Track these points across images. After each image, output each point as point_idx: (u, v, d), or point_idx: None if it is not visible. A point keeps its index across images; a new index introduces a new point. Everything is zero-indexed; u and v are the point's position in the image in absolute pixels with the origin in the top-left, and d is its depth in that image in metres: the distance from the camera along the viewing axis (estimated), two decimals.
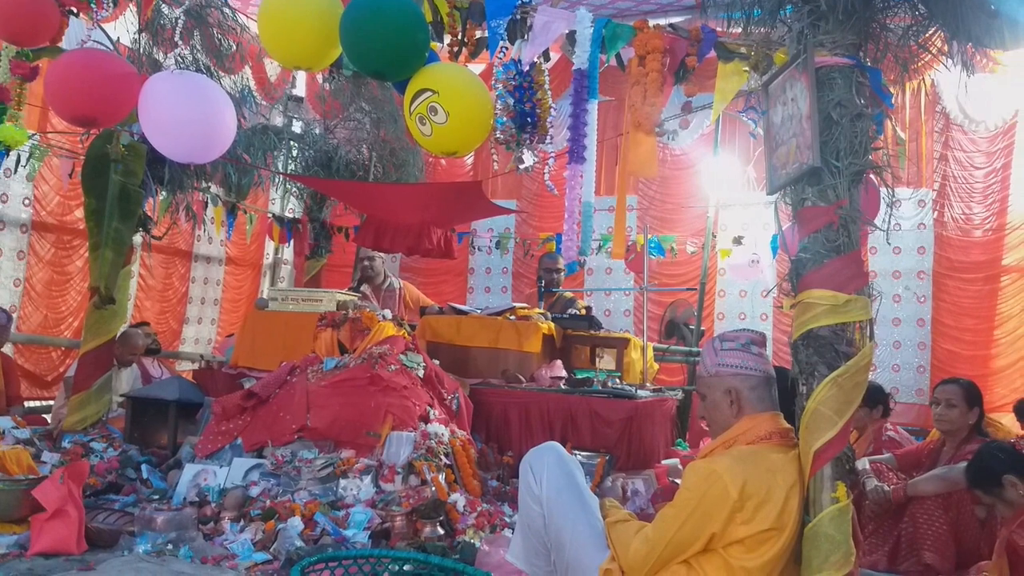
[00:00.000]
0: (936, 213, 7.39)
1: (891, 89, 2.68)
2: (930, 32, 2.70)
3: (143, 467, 3.89)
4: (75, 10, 3.15)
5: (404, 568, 2.09)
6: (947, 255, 7.34)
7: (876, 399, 4.02)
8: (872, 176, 2.50)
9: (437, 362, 4.48)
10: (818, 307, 2.23)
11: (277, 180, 7.28)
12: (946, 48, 2.69)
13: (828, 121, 2.33)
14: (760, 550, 2.04)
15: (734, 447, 2.17)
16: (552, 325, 5.10)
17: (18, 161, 5.20)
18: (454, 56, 2.82)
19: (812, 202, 2.33)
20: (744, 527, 2.02)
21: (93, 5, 3.04)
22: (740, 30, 2.76)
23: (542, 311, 5.34)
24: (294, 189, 7.52)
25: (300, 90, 8.25)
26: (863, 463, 3.67)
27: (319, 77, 6.72)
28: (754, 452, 2.14)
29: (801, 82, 2.38)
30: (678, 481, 4.17)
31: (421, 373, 4.20)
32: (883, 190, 2.53)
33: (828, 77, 2.37)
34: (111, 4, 3.06)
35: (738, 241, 6.78)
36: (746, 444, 2.17)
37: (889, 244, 6.87)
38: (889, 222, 2.49)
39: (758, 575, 2.03)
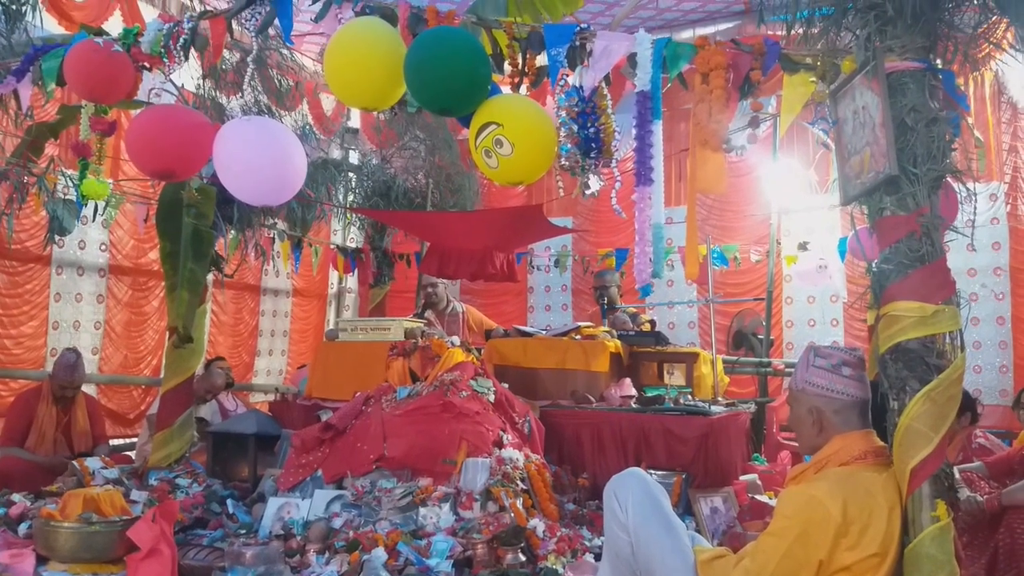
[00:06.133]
0: (1009, 207, 7.13)
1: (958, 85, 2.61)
2: (1001, 28, 2.63)
3: (228, 502, 3.98)
4: (148, 65, 3.28)
5: None
6: (1023, 249, 7.07)
7: (964, 405, 3.86)
8: (949, 179, 2.43)
9: (506, 385, 4.49)
10: (905, 319, 2.16)
11: (338, 211, 7.44)
12: (1016, 43, 2.62)
13: (903, 127, 2.28)
14: None
15: (827, 469, 2.12)
16: (618, 343, 5.06)
17: (95, 210, 5.44)
18: (516, 87, 2.86)
19: (891, 211, 2.27)
20: (850, 553, 1.95)
21: (165, 59, 3.17)
22: (797, 32, 2.71)
23: (607, 329, 5.31)
24: (355, 219, 7.68)
25: (355, 122, 8.44)
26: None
27: None
28: (850, 474, 2.08)
29: (871, 89, 2.33)
30: (758, 497, 4.13)
31: (492, 398, 4.21)
32: (956, 186, 2.45)
33: (899, 82, 2.32)
34: (182, 58, 3.18)
35: (803, 247, 6.63)
36: (839, 465, 2.11)
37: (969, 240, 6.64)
38: (974, 222, 2.42)
39: None
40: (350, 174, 7.07)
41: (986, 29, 2.58)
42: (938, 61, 2.44)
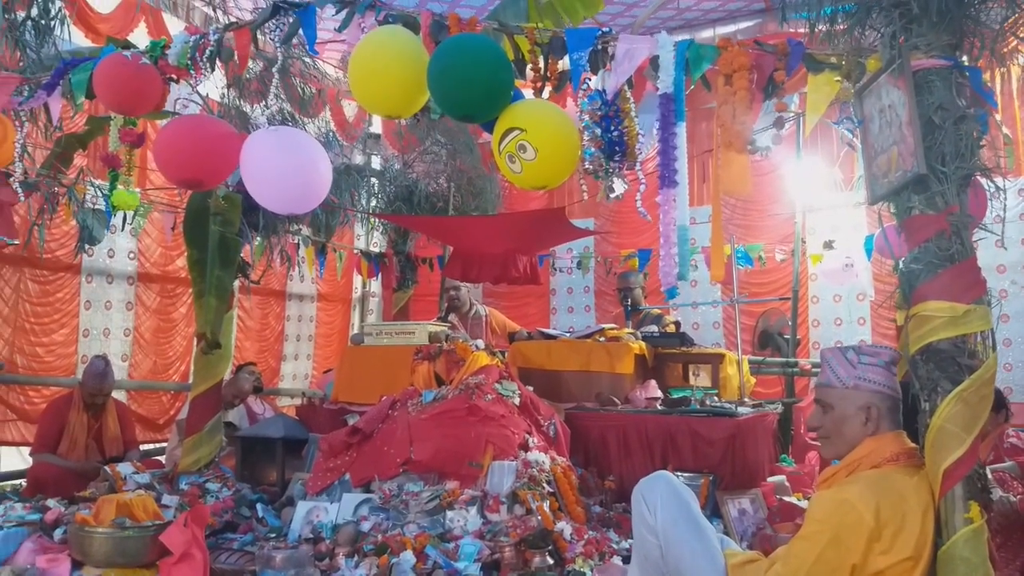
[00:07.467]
0: None
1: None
2: None
3: (257, 506, 4.02)
4: (175, 77, 3.33)
5: None
6: None
7: (999, 403, 3.82)
8: (977, 175, 2.40)
9: (531, 388, 4.49)
10: (935, 320, 2.14)
11: (361, 217, 7.50)
12: None
13: (930, 126, 2.26)
14: None
15: (858, 471, 2.10)
16: (643, 344, 5.05)
17: (124, 219, 5.52)
18: (538, 92, 2.86)
19: (920, 210, 2.25)
20: (883, 557, 1.94)
21: (192, 71, 3.22)
22: (820, 30, 2.70)
23: (631, 331, 5.30)
24: (378, 224, 7.73)
25: (377, 127, 8.50)
26: None
27: None
28: (882, 476, 2.06)
29: (898, 88, 2.31)
30: (787, 499, 4.09)
31: (517, 401, 4.21)
32: (985, 182, 2.43)
33: (926, 80, 2.30)
34: (209, 69, 3.22)
35: (829, 245, 6.56)
36: (871, 467, 2.09)
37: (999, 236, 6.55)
38: (1004, 219, 2.40)
39: None
40: (372, 179, 7.12)
41: (1012, 23, 2.55)
42: (964, 58, 2.42)
